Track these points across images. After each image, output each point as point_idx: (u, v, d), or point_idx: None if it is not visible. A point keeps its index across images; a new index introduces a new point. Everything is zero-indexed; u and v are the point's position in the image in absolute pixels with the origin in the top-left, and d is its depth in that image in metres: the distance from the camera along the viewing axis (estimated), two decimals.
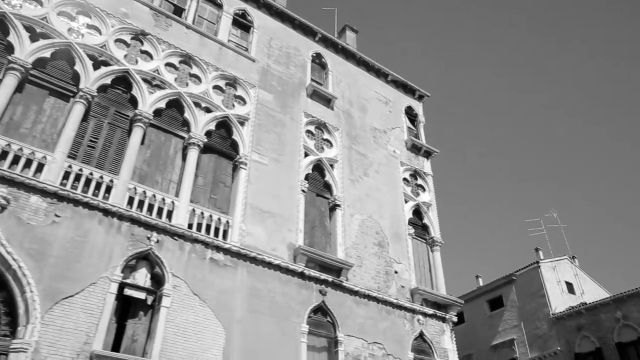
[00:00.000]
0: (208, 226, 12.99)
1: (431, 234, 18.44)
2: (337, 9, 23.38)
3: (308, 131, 17.09)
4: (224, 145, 14.85)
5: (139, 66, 13.96)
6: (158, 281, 11.52)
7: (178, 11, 16.27)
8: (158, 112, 13.78)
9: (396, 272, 16.25)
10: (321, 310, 13.80)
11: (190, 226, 12.63)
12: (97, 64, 13.18)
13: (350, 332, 13.91)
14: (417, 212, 18.68)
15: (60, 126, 11.97)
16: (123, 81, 13.57)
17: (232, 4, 17.79)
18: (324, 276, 14.11)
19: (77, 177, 11.51)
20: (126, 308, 11.17)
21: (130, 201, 12.01)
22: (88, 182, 11.60)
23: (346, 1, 74.31)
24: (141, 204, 12.16)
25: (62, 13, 13.24)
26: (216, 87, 15.46)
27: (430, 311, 16.19)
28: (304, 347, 12.79)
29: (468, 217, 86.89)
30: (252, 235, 13.51)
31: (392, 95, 21.33)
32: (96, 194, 11.55)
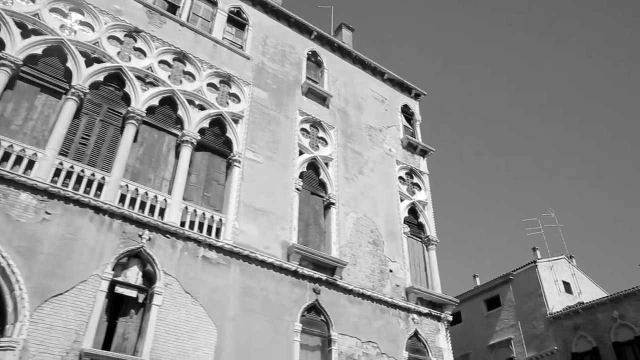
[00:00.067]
0: (201, 224, 12.92)
1: (427, 233, 18.37)
2: (334, 7, 23.38)
3: (303, 129, 17.01)
4: (218, 143, 14.77)
5: (132, 63, 13.89)
6: (150, 279, 11.46)
7: (172, 8, 16.18)
8: (151, 110, 13.71)
9: (391, 271, 16.18)
10: (315, 308, 13.72)
11: (182, 224, 12.56)
12: (90, 61, 13.11)
13: (344, 331, 13.84)
14: (413, 211, 18.61)
15: (51, 123, 11.90)
16: (116, 78, 13.50)
17: (227, 2, 17.71)
18: (318, 275, 14.03)
19: (69, 175, 11.44)
20: (117, 306, 11.10)
21: (122, 199, 11.93)
22: (79, 180, 11.54)
23: None
24: (133, 202, 12.09)
25: (55, 10, 13.17)
26: (210, 85, 15.38)
27: (425, 310, 16.12)
28: (297, 346, 12.72)
29: (465, 216, 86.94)
30: (245, 233, 13.44)
31: (388, 93, 21.26)
32: (87, 192, 11.48)
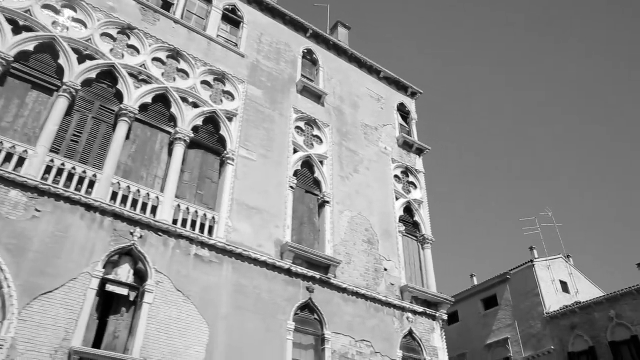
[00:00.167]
0: (194, 222, 12.86)
1: (422, 232, 18.29)
2: (330, 6, 23.27)
3: (298, 127, 16.94)
4: (212, 140, 14.70)
5: (125, 60, 13.81)
6: (141, 277, 11.38)
7: (166, 6, 16.10)
8: (144, 107, 13.64)
9: (386, 270, 16.11)
10: (308, 307, 13.65)
11: (175, 222, 12.49)
12: (82, 58, 13.04)
13: (337, 330, 13.77)
14: (408, 210, 18.54)
15: (43, 120, 11.82)
16: (109, 75, 13.43)
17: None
18: (312, 273, 13.96)
19: (60, 172, 11.37)
20: (108, 304, 11.04)
21: (114, 196, 11.86)
22: (71, 177, 11.47)
23: None
24: (125, 199, 12.01)
25: (47, 6, 13.08)
26: (204, 83, 15.31)
27: (420, 309, 16.05)
28: (290, 345, 12.65)
29: (463, 216, 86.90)
30: (239, 231, 13.36)
31: (385, 92, 21.19)
32: (79, 189, 11.40)
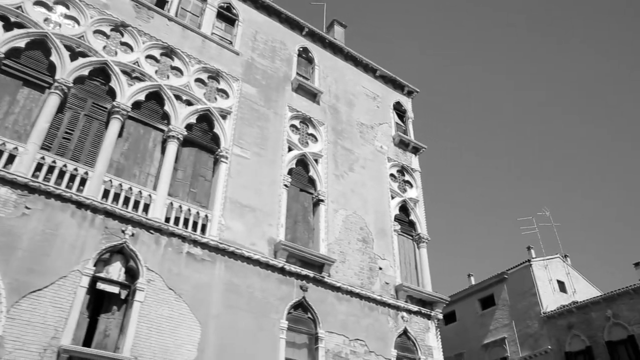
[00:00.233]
0: (186, 220, 12.79)
1: (418, 231, 18.22)
2: (326, 4, 23.19)
3: (292, 125, 16.86)
4: (205, 138, 14.62)
5: (118, 58, 13.74)
6: (132, 275, 11.31)
7: (160, 3, 16.03)
8: (137, 105, 13.56)
9: (380, 269, 16.04)
10: (302, 306, 13.58)
11: (167, 220, 12.41)
12: (75, 55, 12.96)
13: (331, 329, 13.70)
14: (404, 209, 18.47)
15: (34, 117, 11.74)
16: (101, 73, 13.35)
17: None
18: (305, 272, 13.89)
19: (51, 169, 11.29)
20: (99, 303, 10.97)
21: (105, 194, 11.78)
22: (62, 174, 11.39)
23: None
24: (117, 197, 11.94)
25: (39, 3, 12.99)
26: (198, 80, 15.23)
27: (415, 308, 15.98)
28: (283, 343, 12.57)
29: (460, 215, 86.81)
30: (231, 229, 13.29)
31: (381, 90, 21.12)
32: (70, 187, 11.33)
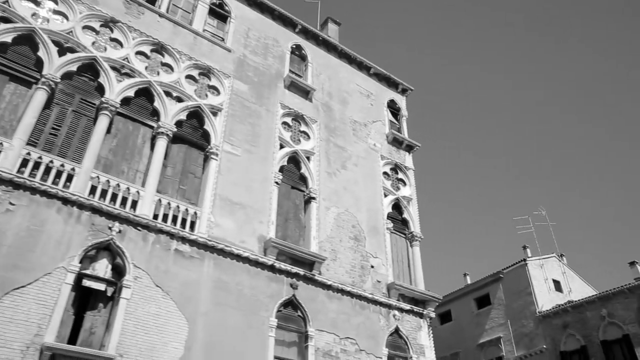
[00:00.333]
0: (175, 217, 12.68)
1: (411, 229, 18.12)
2: (321, 2, 23.07)
3: (284, 123, 16.76)
4: (195, 135, 14.51)
5: (108, 54, 13.63)
6: (119, 272, 11.20)
7: None
8: (126, 101, 13.45)
9: (372, 267, 15.93)
10: (292, 304, 13.47)
11: (155, 217, 12.30)
12: (63, 51, 12.85)
13: (321, 327, 13.60)
14: (397, 207, 18.37)
15: (20, 113, 11.63)
16: (90, 69, 13.24)
17: None
18: (296, 269, 13.79)
19: (37, 165, 11.17)
20: (86, 300, 10.86)
21: (92, 190, 11.68)
22: (48, 170, 11.28)
23: None
24: (104, 194, 11.83)
25: None
26: (189, 77, 15.13)
27: (407, 307, 15.88)
28: (272, 342, 12.47)
29: (457, 215, 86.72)
30: (221, 226, 13.18)
31: (374, 88, 21.02)
32: (56, 183, 11.22)
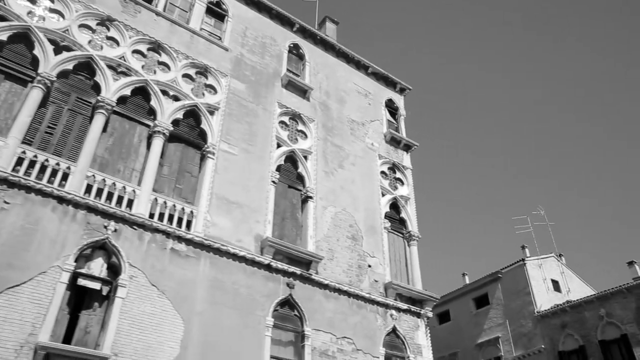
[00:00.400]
0: (171, 216, 12.64)
1: (408, 228, 18.09)
2: (319, 1, 23.03)
3: (282, 122, 16.72)
4: (192, 134, 14.48)
5: (104, 52, 13.59)
6: (115, 271, 11.16)
7: None
8: (123, 100, 13.42)
9: (369, 266, 15.90)
10: (288, 303, 13.43)
11: (151, 216, 12.26)
12: (59, 49, 12.82)
13: (318, 327, 13.56)
14: (395, 206, 18.34)
15: (15, 111, 11.59)
16: (86, 67, 13.20)
17: None
18: (292, 269, 13.75)
19: (32, 164, 11.13)
20: (81, 299, 10.83)
21: (88, 189, 11.63)
22: (43, 169, 11.23)
23: None
24: (100, 192, 11.79)
25: None
26: (186, 76, 15.09)
27: (404, 306, 15.84)
28: (268, 341, 12.43)
29: (455, 214, 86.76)
30: (217, 225, 13.14)
31: (372, 87, 20.99)
32: (52, 181, 11.18)
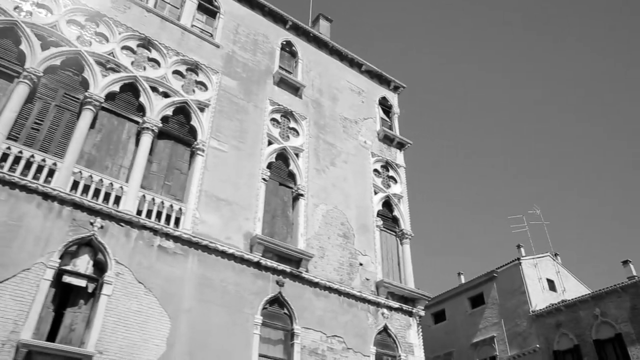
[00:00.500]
0: (159, 213, 12.52)
1: (401, 227, 17.99)
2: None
3: (273, 119, 16.61)
4: (182, 131, 14.36)
5: (93, 48, 13.48)
6: (101, 268, 11.05)
7: None
8: (111, 96, 13.31)
9: (361, 264, 15.79)
10: (278, 301, 13.33)
11: (139, 212, 12.15)
12: (46, 45, 12.70)
13: (308, 325, 13.45)
14: (387, 204, 18.24)
15: (1, 107, 11.47)
16: (74, 63, 13.09)
17: None
18: (282, 266, 13.64)
19: (17, 160, 11.02)
20: (66, 296, 10.71)
21: (75, 186, 11.52)
22: (29, 165, 11.11)
23: None
24: (87, 189, 11.67)
25: None
26: (176, 72, 14.98)
27: (396, 305, 15.74)
28: (257, 339, 12.32)
29: (451, 213, 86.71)
30: (206, 223, 13.03)
31: (366, 85, 20.89)
32: (37, 177, 11.06)
